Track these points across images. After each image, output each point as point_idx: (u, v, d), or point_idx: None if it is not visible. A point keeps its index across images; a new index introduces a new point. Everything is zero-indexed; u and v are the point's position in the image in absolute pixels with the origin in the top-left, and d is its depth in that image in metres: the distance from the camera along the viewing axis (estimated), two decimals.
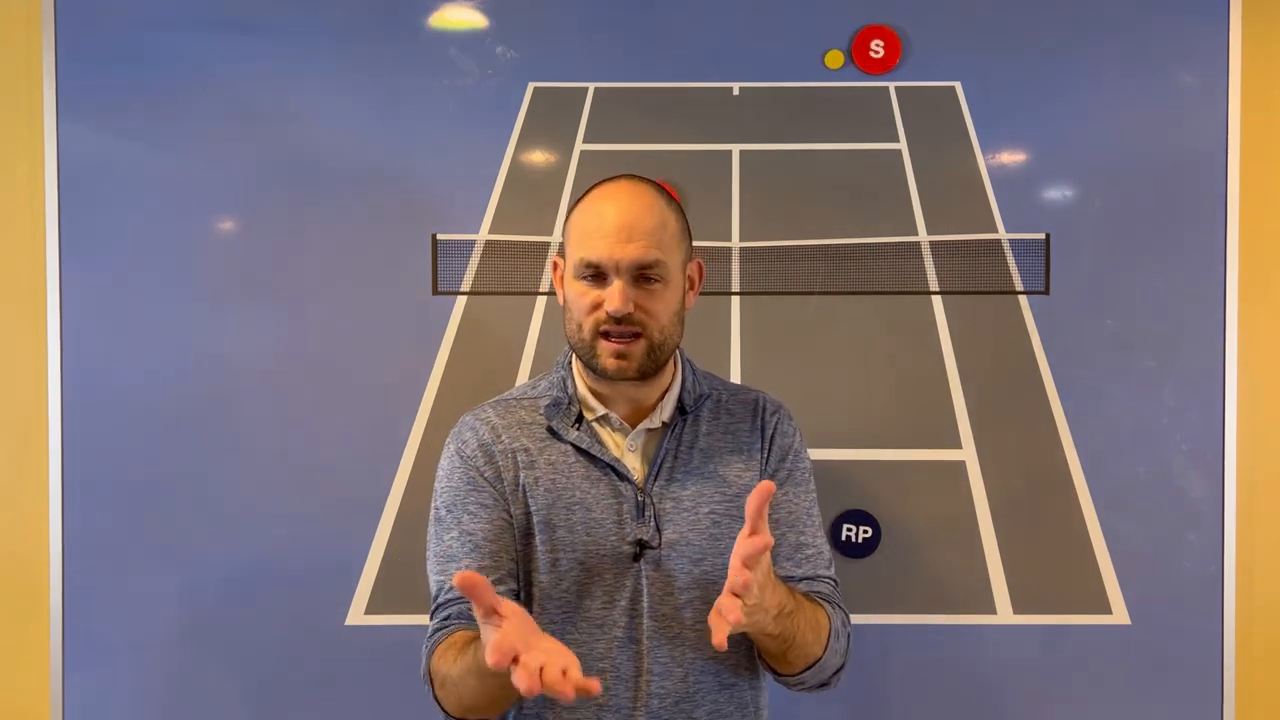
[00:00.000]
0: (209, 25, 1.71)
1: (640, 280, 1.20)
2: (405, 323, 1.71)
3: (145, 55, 1.71)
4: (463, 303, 1.72)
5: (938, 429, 1.72)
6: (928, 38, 1.73)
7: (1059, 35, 1.72)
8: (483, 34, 1.73)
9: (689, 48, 1.74)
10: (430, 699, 1.20)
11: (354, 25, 1.72)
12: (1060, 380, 1.72)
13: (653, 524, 1.22)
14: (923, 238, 1.73)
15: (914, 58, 1.73)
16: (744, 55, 1.74)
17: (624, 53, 1.74)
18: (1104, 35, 1.72)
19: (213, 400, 1.70)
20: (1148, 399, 1.72)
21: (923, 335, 1.73)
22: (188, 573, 1.69)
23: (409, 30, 1.72)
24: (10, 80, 1.73)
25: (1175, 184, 1.72)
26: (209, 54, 1.71)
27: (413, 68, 1.72)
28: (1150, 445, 1.72)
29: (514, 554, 1.23)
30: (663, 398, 1.28)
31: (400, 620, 1.67)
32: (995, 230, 1.73)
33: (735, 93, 1.74)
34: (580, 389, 1.28)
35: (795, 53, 1.73)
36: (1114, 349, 1.72)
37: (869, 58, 1.73)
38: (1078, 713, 1.71)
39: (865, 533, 1.70)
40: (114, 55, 1.71)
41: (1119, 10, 1.72)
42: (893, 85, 1.74)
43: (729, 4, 1.73)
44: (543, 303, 1.73)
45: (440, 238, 1.72)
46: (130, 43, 1.71)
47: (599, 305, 1.20)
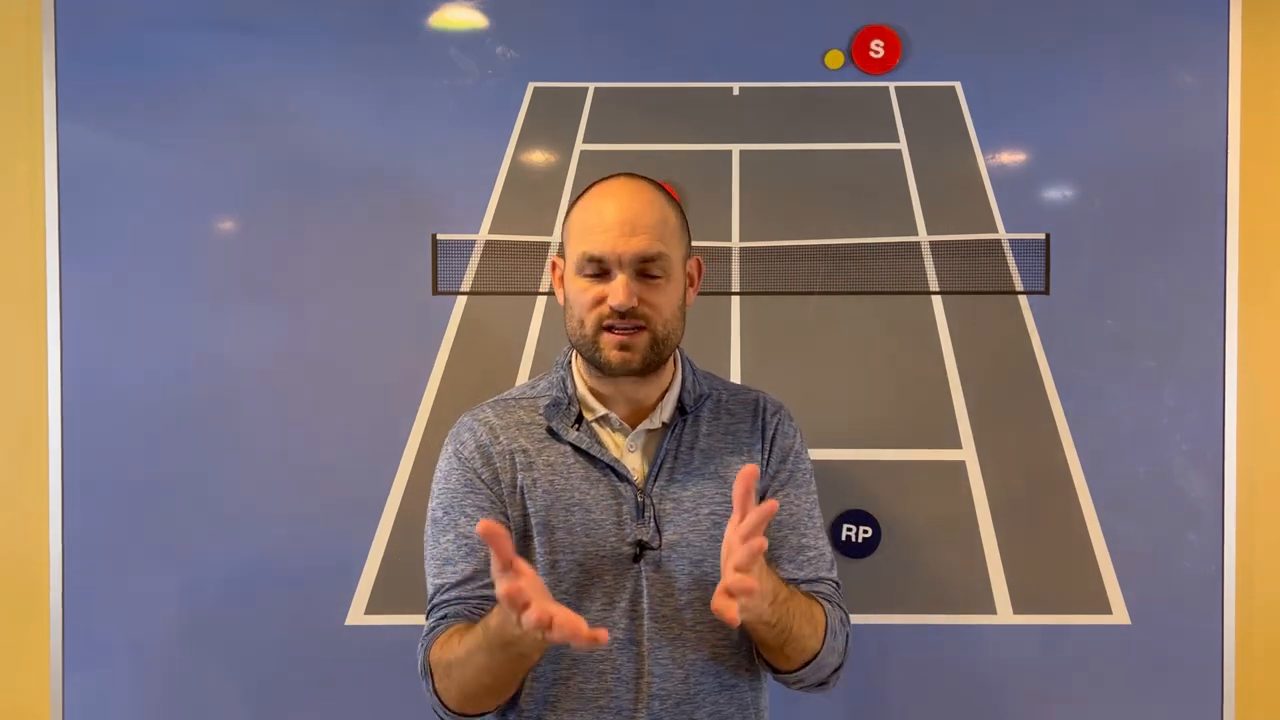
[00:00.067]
0: (209, 25, 1.71)
1: (643, 275, 1.20)
2: (405, 323, 1.71)
3: (145, 55, 1.71)
4: (463, 303, 1.72)
5: (938, 429, 1.72)
6: (928, 38, 1.73)
7: (1059, 35, 1.72)
8: (483, 34, 1.73)
9: (689, 48, 1.73)
10: (428, 700, 1.20)
11: (354, 25, 1.72)
12: (1060, 380, 1.72)
13: (653, 525, 1.22)
14: (923, 238, 1.73)
15: (914, 58, 1.73)
16: (744, 55, 1.73)
17: (624, 53, 1.74)
18: (1104, 35, 1.72)
19: (213, 400, 1.70)
20: (1148, 399, 1.72)
21: (923, 335, 1.73)
22: (188, 573, 1.69)
23: (409, 30, 1.72)
24: (10, 80, 1.73)
25: (1175, 184, 1.72)
26: (209, 54, 1.71)
27: (413, 68, 1.72)
28: (1150, 445, 1.72)
29: None
30: (663, 398, 1.28)
31: (400, 620, 1.67)
32: (995, 230, 1.73)
33: (735, 93, 1.74)
34: (580, 389, 1.28)
35: (795, 53, 1.73)
36: (1114, 349, 1.72)
37: (869, 58, 1.73)
38: (1078, 713, 1.71)
39: (865, 533, 1.70)
40: (114, 55, 1.71)
41: (1119, 10, 1.72)
42: (893, 85, 1.74)
43: (729, 4, 1.73)
44: (543, 303, 1.73)
45: (440, 238, 1.72)
46: (130, 43, 1.71)
47: (602, 300, 1.20)
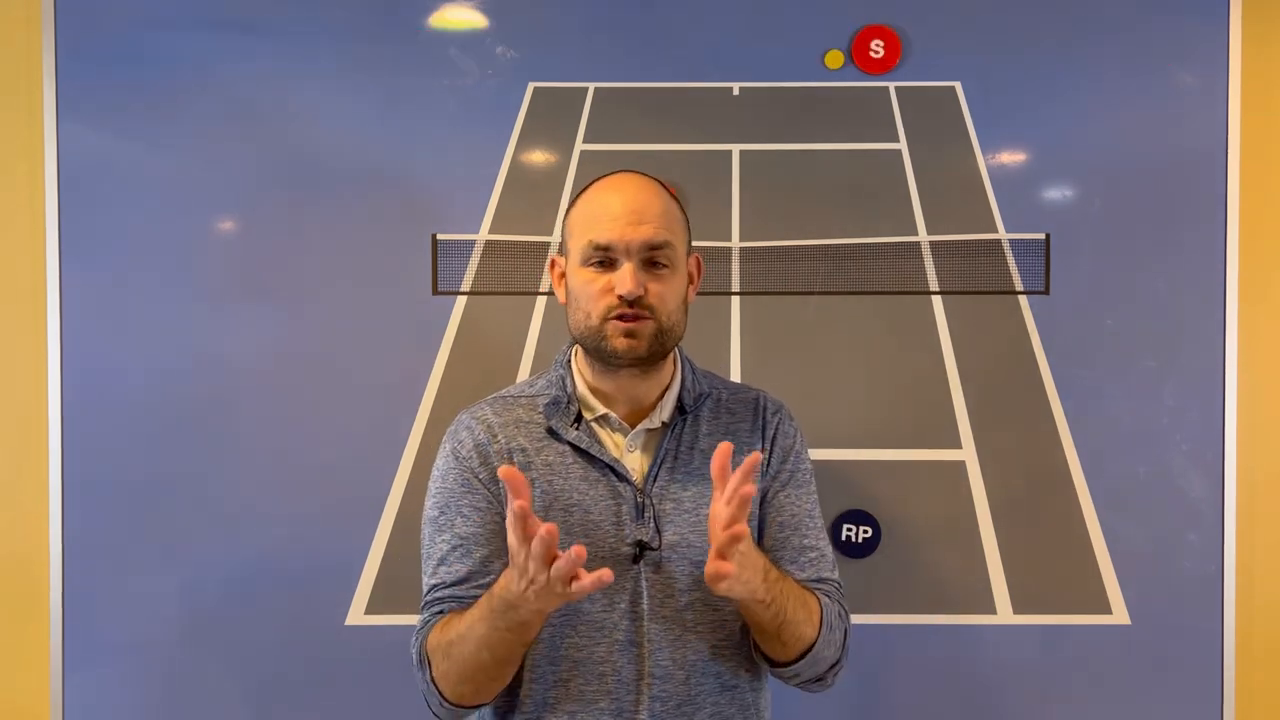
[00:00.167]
0: (209, 25, 1.71)
1: (649, 265, 1.20)
2: (405, 323, 1.71)
3: (145, 55, 1.71)
4: (463, 303, 1.72)
5: (938, 429, 1.72)
6: (928, 38, 1.73)
7: (1059, 35, 1.72)
8: (483, 34, 1.73)
9: (689, 48, 1.73)
10: (422, 693, 1.20)
11: (354, 25, 1.72)
12: (1060, 380, 1.72)
13: (652, 525, 1.22)
14: (923, 238, 1.73)
15: (914, 58, 1.73)
16: (744, 55, 1.73)
17: (624, 53, 1.74)
18: (1104, 35, 1.72)
19: (213, 400, 1.70)
20: (1148, 399, 1.72)
21: (923, 335, 1.73)
22: (188, 573, 1.69)
23: (409, 30, 1.72)
24: (10, 80, 1.73)
25: (1175, 184, 1.72)
26: (209, 54, 1.71)
27: (413, 68, 1.72)
28: (1150, 445, 1.72)
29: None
30: (662, 396, 1.28)
31: (400, 620, 1.67)
32: (995, 230, 1.73)
33: (735, 93, 1.74)
34: (580, 388, 1.28)
35: (795, 53, 1.73)
36: (1114, 349, 1.72)
37: (869, 58, 1.73)
38: (1078, 713, 1.71)
39: (865, 533, 1.70)
40: (114, 55, 1.71)
41: (1119, 10, 1.72)
42: (893, 85, 1.74)
43: (729, 4, 1.73)
44: (543, 303, 1.73)
45: (440, 238, 1.72)
46: (130, 43, 1.71)
47: (609, 290, 1.19)
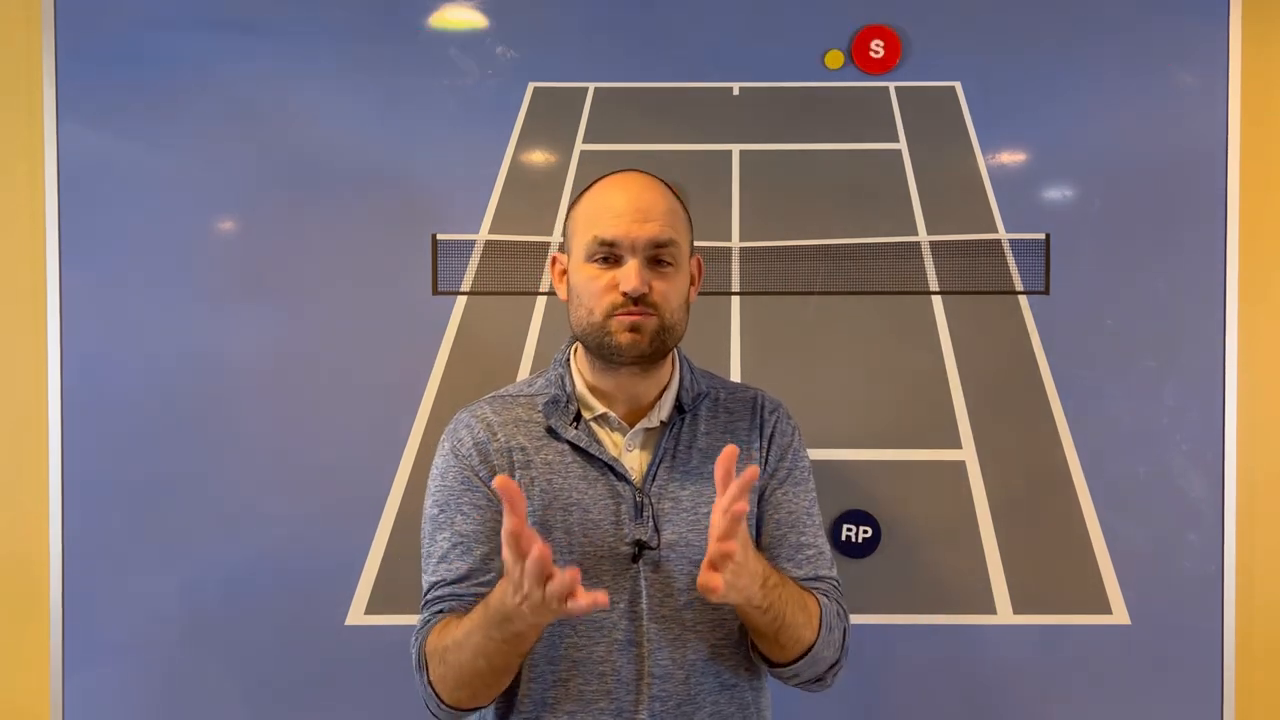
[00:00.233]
0: (209, 25, 1.71)
1: (654, 263, 1.20)
2: (405, 323, 1.71)
3: (145, 55, 1.71)
4: (463, 303, 1.72)
5: (938, 429, 1.72)
6: (928, 38, 1.73)
7: (1059, 35, 1.72)
8: (483, 34, 1.73)
9: (689, 48, 1.73)
10: (421, 694, 1.20)
11: (354, 25, 1.72)
12: (1060, 380, 1.72)
13: (651, 524, 1.22)
14: (923, 238, 1.73)
15: (914, 58, 1.73)
16: (744, 55, 1.73)
17: (624, 53, 1.74)
18: (1104, 35, 1.72)
19: (213, 400, 1.70)
20: (1148, 399, 1.72)
21: (923, 335, 1.73)
22: (188, 573, 1.69)
23: (409, 30, 1.72)
24: (10, 80, 1.73)
25: (1175, 184, 1.72)
26: (209, 54, 1.71)
27: (413, 68, 1.72)
28: (1150, 445, 1.71)
29: None
30: (661, 395, 1.28)
31: (400, 620, 1.67)
32: (995, 230, 1.73)
33: (735, 93, 1.74)
34: (579, 387, 1.27)
35: (795, 53, 1.73)
36: (1114, 349, 1.72)
37: (869, 58, 1.73)
38: (1078, 713, 1.71)
39: (865, 533, 1.70)
40: (114, 55, 1.71)
41: (1119, 10, 1.72)
42: (893, 85, 1.74)
43: (729, 4, 1.73)
44: (543, 303, 1.73)
45: (440, 238, 1.72)
46: (130, 43, 1.71)
47: (613, 287, 1.19)
